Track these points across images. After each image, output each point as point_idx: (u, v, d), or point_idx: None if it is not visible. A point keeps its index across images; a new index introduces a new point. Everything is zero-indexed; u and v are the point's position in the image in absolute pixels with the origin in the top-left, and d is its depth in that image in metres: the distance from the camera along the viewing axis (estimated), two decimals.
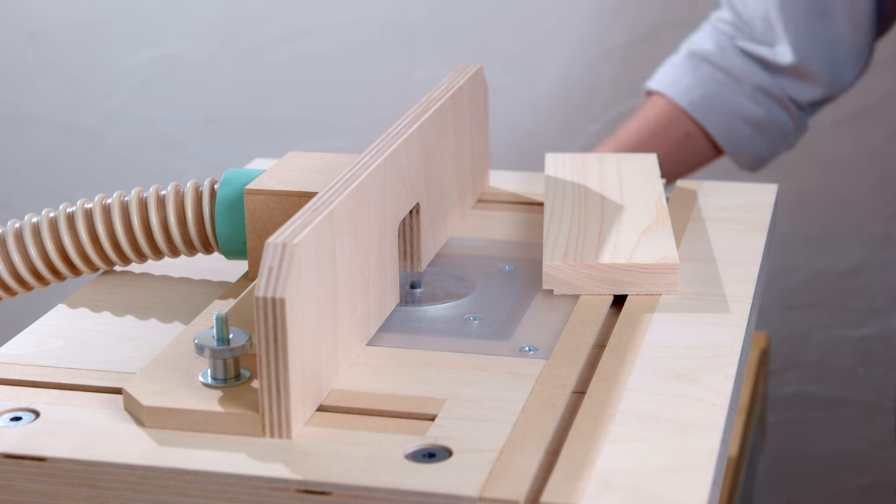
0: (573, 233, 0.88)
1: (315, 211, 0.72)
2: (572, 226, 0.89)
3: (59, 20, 1.80)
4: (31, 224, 0.86)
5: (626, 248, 0.85)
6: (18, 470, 0.67)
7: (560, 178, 0.98)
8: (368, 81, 1.74)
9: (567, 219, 0.91)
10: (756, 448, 1.49)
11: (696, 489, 0.64)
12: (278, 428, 0.68)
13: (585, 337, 0.78)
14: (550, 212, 0.92)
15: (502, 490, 0.63)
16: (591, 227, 0.89)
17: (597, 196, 0.95)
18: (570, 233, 0.88)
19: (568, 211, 0.92)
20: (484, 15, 1.68)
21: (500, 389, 0.73)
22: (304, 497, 0.65)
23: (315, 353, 0.70)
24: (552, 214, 0.92)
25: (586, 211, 0.92)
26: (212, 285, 0.89)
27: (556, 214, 0.92)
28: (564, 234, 0.88)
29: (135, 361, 0.78)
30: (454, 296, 0.85)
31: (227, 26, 1.76)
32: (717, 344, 0.78)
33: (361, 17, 1.72)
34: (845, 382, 1.73)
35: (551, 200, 0.94)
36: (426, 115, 0.87)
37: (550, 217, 0.91)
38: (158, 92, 1.80)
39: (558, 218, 0.91)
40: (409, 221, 0.87)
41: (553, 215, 0.91)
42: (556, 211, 0.92)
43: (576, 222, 0.90)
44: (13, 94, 1.85)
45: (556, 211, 0.92)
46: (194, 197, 0.86)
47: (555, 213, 0.92)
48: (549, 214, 0.92)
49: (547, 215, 0.92)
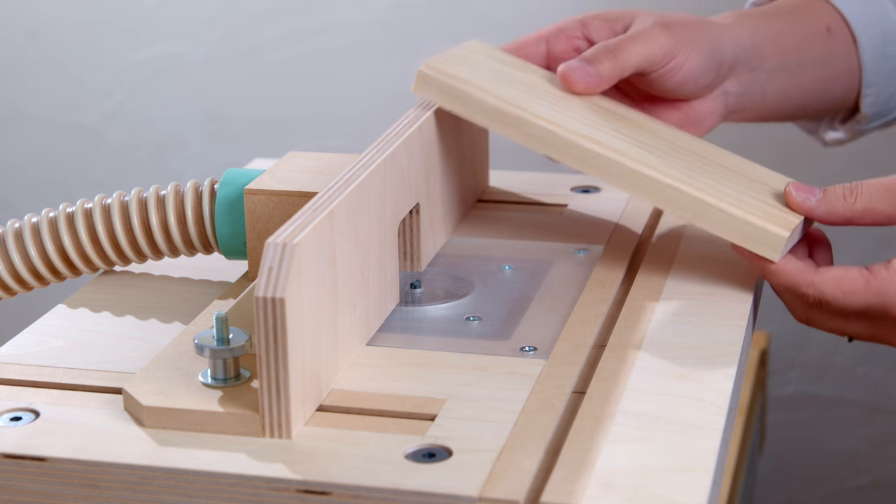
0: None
1: (315, 211, 0.72)
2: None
3: (59, 19, 1.80)
4: (31, 224, 0.86)
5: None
6: (18, 470, 0.67)
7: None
8: (368, 81, 1.74)
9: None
10: (756, 448, 1.49)
11: (695, 489, 0.64)
12: (278, 428, 0.68)
13: (585, 337, 0.78)
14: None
15: (502, 490, 0.63)
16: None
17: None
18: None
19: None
20: (484, 15, 1.68)
21: (500, 389, 0.73)
22: (304, 497, 0.65)
23: (315, 353, 0.70)
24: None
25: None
26: (212, 285, 0.89)
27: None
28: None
29: (135, 361, 0.78)
30: (454, 296, 0.85)
31: (227, 26, 1.76)
32: (717, 344, 0.78)
33: (361, 17, 1.72)
34: (845, 382, 1.73)
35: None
36: (426, 114, 0.87)
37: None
38: (158, 91, 1.80)
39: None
40: (409, 221, 0.87)
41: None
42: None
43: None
44: (13, 93, 1.85)
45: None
46: (194, 197, 0.86)
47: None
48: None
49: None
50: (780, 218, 0.82)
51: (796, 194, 0.84)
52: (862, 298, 0.80)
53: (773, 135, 1.62)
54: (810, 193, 0.84)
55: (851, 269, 0.80)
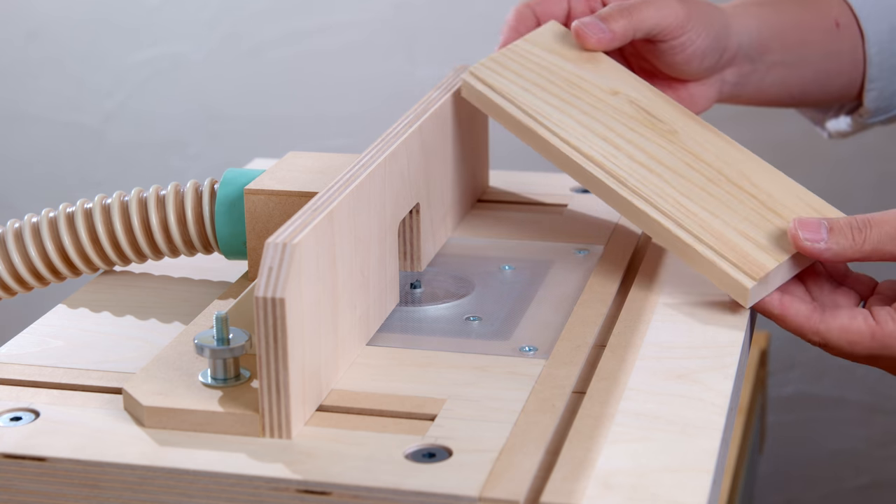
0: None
1: (315, 211, 0.72)
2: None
3: (59, 19, 1.80)
4: (31, 224, 0.86)
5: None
6: (18, 470, 0.67)
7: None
8: (368, 81, 1.74)
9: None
10: (756, 448, 1.49)
11: (695, 489, 0.64)
12: (278, 428, 0.68)
13: (585, 337, 0.78)
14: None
15: (502, 490, 0.63)
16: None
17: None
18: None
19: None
20: (484, 15, 1.68)
21: (500, 389, 0.73)
22: (304, 497, 0.65)
23: (315, 353, 0.70)
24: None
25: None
26: (212, 285, 0.89)
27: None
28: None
29: (135, 361, 0.78)
30: (454, 296, 0.85)
31: (227, 26, 1.76)
32: (717, 344, 0.78)
33: (361, 17, 1.72)
34: (845, 382, 1.73)
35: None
36: (426, 115, 0.87)
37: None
38: (159, 91, 1.80)
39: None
40: (409, 221, 0.87)
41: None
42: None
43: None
44: (14, 93, 1.85)
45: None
46: (194, 197, 0.86)
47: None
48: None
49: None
50: (760, 260, 0.81)
51: (803, 237, 0.81)
52: (867, 349, 0.79)
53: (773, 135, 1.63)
54: (817, 235, 0.81)
55: (857, 316, 0.79)
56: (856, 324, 0.79)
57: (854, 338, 0.79)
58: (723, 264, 0.81)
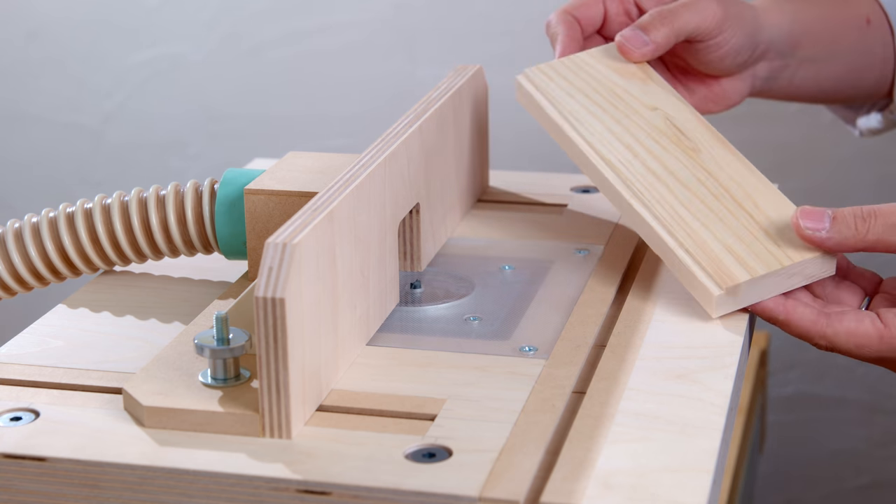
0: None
1: (315, 211, 0.72)
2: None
3: (60, 19, 1.80)
4: (31, 224, 0.86)
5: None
6: (18, 470, 0.67)
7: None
8: (368, 81, 1.74)
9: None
10: (756, 448, 1.49)
11: (695, 489, 0.64)
12: (278, 428, 0.68)
13: (585, 337, 0.78)
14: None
15: (502, 490, 0.63)
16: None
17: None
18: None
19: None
20: (484, 15, 1.68)
21: (499, 389, 0.73)
22: (304, 497, 0.65)
23: (315, 353, 0.70)
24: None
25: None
26: (212, 285, 0.89)
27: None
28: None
29: (135, 361, 0.78)
30: (454, 296, 0.85)
31: (227, 26, 1.76)
32: (717, 344, 0.78)
33: (361, 17, 1.72)
34: (845, 382, 1.73)
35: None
36: (426, 115, 0.87)
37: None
38: (159, 91, 1.80)
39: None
40: (409, 221, 0.87)
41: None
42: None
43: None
44: (14, 93, 1.85)
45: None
46: (194, 197, 0.86)
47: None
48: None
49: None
50: (733, 271, 0.80)
51: (804, 225, 0.80)
52: (876, 351, 0.79)
53: (773, 136, 1.63)
54: (819, 223, 0.80)
55: (864, 319, 0.78)
56: (863, 327, 0.78)
57: (862, 341, 0.78)
58: (694, 268, 0.81)
